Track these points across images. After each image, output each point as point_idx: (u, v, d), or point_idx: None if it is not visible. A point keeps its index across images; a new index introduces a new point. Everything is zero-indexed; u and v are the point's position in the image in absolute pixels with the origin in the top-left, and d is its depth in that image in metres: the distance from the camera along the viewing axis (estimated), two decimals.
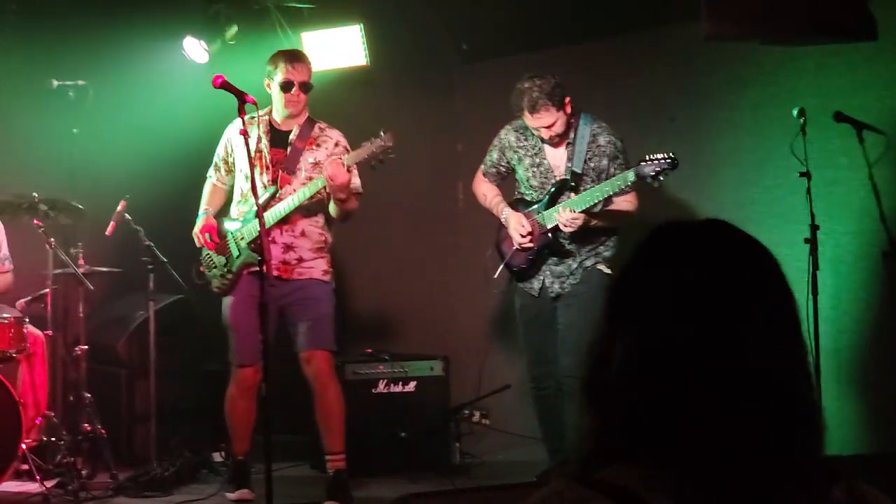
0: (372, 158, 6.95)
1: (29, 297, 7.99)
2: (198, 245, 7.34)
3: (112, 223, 7.72)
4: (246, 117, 7.27)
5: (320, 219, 7.28)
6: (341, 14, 9.16)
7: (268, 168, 7.16)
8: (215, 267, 7.30)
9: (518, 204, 7.29)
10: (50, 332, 7.78)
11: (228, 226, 7.26)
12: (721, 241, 1.93)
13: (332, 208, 7.16)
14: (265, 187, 7.11)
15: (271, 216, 7.01)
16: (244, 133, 6.25)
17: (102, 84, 8.29)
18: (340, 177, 6.85)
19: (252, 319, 6.85)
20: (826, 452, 1.88)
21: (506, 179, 7.46)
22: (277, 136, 7.22)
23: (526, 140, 7.19)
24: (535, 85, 6.89)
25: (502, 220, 7.29)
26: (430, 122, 9.56)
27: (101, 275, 7.96)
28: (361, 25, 9.07)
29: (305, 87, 7.21)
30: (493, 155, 7.40)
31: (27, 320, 7.69)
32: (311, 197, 7.05)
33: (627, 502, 1.76)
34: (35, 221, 7.47)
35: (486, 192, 7.45)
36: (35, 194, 7.46)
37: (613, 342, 1.89)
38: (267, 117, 7.27)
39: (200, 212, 7.43)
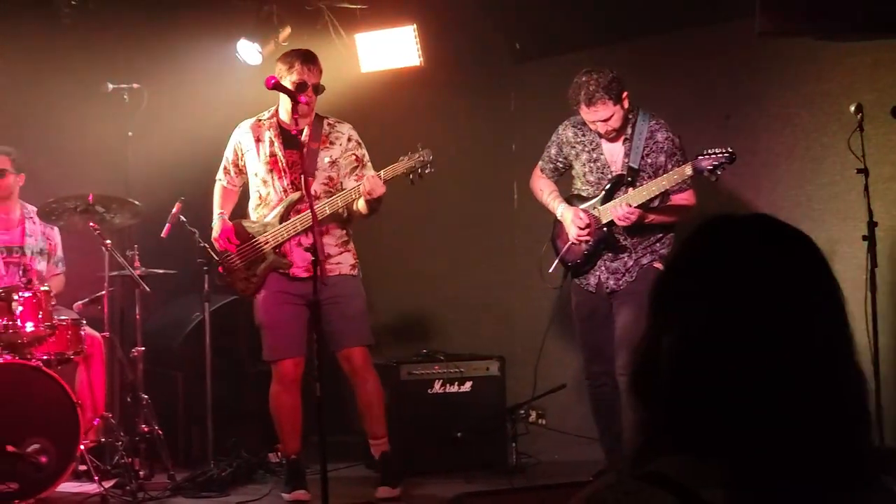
0: (410, 172, 6.98)
1: (86, 299, 8.06)
2: (218, 249, 7.36)
3: (167, 225, 7.75)
4: (251, 121, 7.30)
5: (343, 212, 7.30)
6: (394, 14, 9.17)
7: (285, 171, 7.17)
8: (237, 270, 7.30)
9: (574, 199, 7.26)
10: (107, 334, 7.83)
11: (250, 228, 7.27)
12: (767, 234, 1.92)
13: (361, 205, 7.16)
14: (287, 191, 7.13)
15: (299, 221, 7.04)
16: (291, 134, 6.24)
17: (157, 87, 8.34)
18: (378, 191, 6.97)
19: (286, 313, 6.98)
20: (884, 444, 1.87)
21: (563, 175, 7.43)
22: (288, 138, 7.17)
23: (584, 135, 7.16)
24: (592, 79, 6.86)
25: (558, 215, 7.26)
26: (484, 121, 9.55)
27: (157, 277, 7.99)
28: (415, 26, 9.08)
29: (318, 88, 7.18)
30: (552, 150, 7.37)
31: (84, 322, 7.76)
32: (346, 202, 7.09)
33: (678, 493, 1.74)
34: (91, 224, 7.51)
35: (543, 187, 7.43)
36: (90, 196, 7.50)
37: (661, 336, 1.88)
38: (274, 119, 7.27)
39: (216, 215, 7.46)
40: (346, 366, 7.31)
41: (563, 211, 7.22)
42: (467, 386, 8.11)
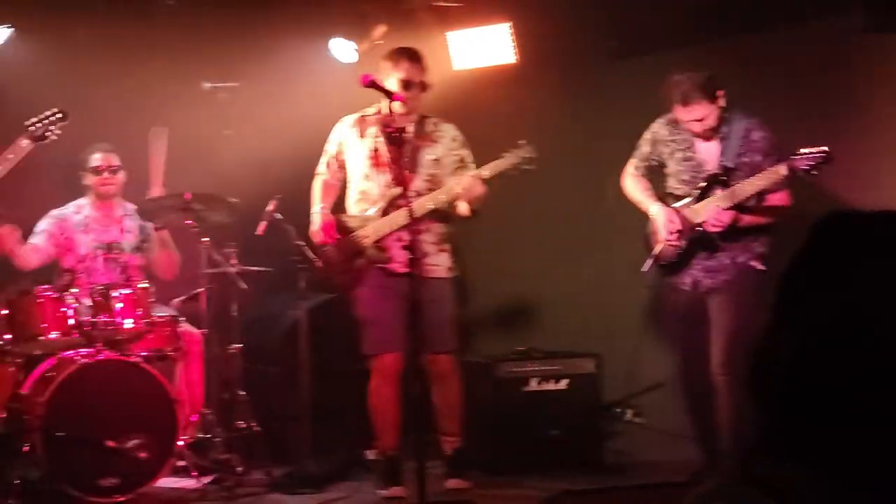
0: (511, 169, 6.97)
1: (184, 297, 8.12)
2: (317, 242, 7.38)
3: (263, 223, 7.80)
4: (355, 116, 7.32)
5: (442, 213, 7.30)
6: (489, 12, 9.14)
7: (387, 167, 7.17)
8: (336, 264, 7.33)
9: (668, 198, 7.20)
10: (205, 331, 7.90)
11: (350, 223, 7.30)
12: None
13: (463, 207, 7.16)
14: (388, 187, 7.14)
15: (400, 217, 7.03)
16: (395, 131, 6.26)
17: (253, 85, 8.41)
18: (476, 190, 6.98)
19: (386, 308, 7.01)
20: None
21: (656, 174, 7.37)
22: (392, 134, 7.21)
23: (678, 134, 7.09)
24: (688, 78, 6.80)
25: (651, 214, 7.21)
26: (578, 119, 9.48)
27: (254, 274, 8.05)
28: (510, 23, 9.05)
29: (423, 85, 7.20)
30: (645, 148, 7.31)
31: (182, 319, 7.82)
32: (450, 198, 7.09)
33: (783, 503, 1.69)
34: (188, 222, 7.57)
35: (636, 186, 7.37)
36: (187, 194, 7.55)
37: (782, 337, 1.82)
38: (379, 115, 7.29)
39: (316, 209, 7.48)
40: (430, 368, 7.30)
41: (656, 210, 7.16)
42: (563, 384, 8.07)
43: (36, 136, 6.14)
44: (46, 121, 6.22)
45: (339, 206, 7.53)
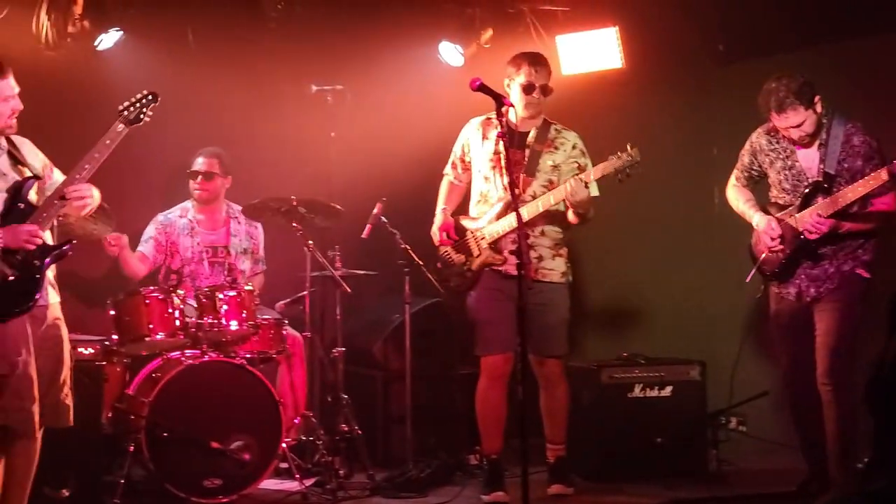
0: (618, 172, 6.92)
1: (288, 299, 8.18)
2: (436, 242, 7.38)
3: (368, 226, 7.80)
4: (481, 118, 7.31)
5: (558, 217, 7.24)
6: (596, 16, 9.09)
7: (507, 170, 7.13)
8: (453, 265, 7.33)
9: (771, 208, 7.08)
10: (308, 334, 7.92)
11: (467, 224, 7.28)
12: None
13: (570, 215, 7.12)
14: (506, 190, 7.10)
15: (513, 219, 6.98)
16: (503, 136, 6.22)
17: (359, 88, 8.42)
18: (580, 195, 6.93)
19: (497, 309, 7.04)
20: None
21: (759, 184, 7.26)
22: (515, 138, 7.17)
23: (778, 143, 6.98)
24: (782, 84, 6.68)
25: (754, 224, 7.10)
26: (685, 124, 9.39)
27: (358, 277, 8.05)
28: (617, 27, 8.99)
29: (546, 90, 7.18)
30: (745, 159, 7.21)
31: (286, 322, 7.85)
32: (555, 203, 7.04)
33: None
34: (293, 224, 7.59)
35: (738, 196, 7.27)
36: (293, 197, 7.58)
37: None
38: (504, 119, 7.25)
39: (438, 210, 7.48)
40: (538, 370, 7.29)
41: (758, 220, 7.05)
42: (668, 391, 7.98)
43: (130, 119, 6.16)
44: (139, 103, 6.25)
45: (463, 207, 7.50)
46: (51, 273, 6.02)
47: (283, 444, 7.30)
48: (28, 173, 5.96)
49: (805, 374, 6.94)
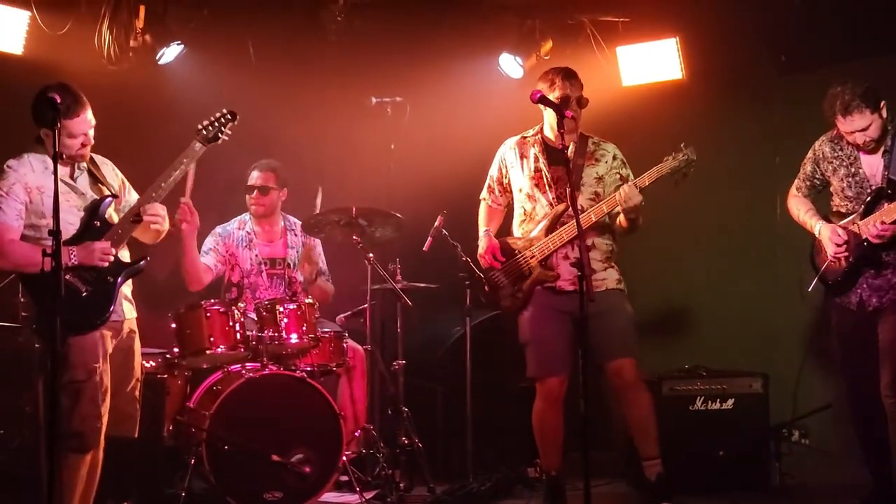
0: (674, 173, 6.84)
1: (348, 312, 8.18)
2: (483, 266, 7.30)
3: (429, 239, 7.79)
4: (516, 138, 7.25)
5: (606, 230, 7.18)
6: (657, 27, 9.06)
7: (550, 186, 7.08)
8: (503, 287, 7.24)
9: (833, 217, 6.99)
10: (369, 347, 7.92)
11: (514, 244, 7.20)
12: None
13: (621, 219, 7.04)
14: (551, 206, 7.05)
15: (565, 233, 6.95)
16: (564, 148, 6.16)
17: (419, 100, 8.42)
18: (634, 200, 6.84)
19: (552, 329, 6.90)
20: None
21: (820, 193, 7.17)
22: (553, 154, 7.11)
23: (841, 150, 6.90)
24: (847, 88, 6.61)
25: (816, 233, 7.01)
26: (746, 135, 9.32)
27: (419, 290, 8.05)
28: (677, 38, 8.95)
29: (581, 101, 7.10)
30: (808, 168, 7.13)
31: (347, 334, 7.85)
32: (608, 211, 6.97)
33: None
34: (353, 237, 7.60)
35: (800, 206, 7.18)
36: (353, 207, 7.58)
37: None
38: (539, 136, 7.20)
39: (481, 233, 7.39)
40: (615, 380, 7.11)
41: (820, 228, 6.96)
42: (729, 403, 7.91)
43: (208, 138, 6.24)
44: (217, 122, 6.31)
45: (505, 229, 7.45)
46: (128, 289, 6.17)
47: (344, 457, 7.30)
48: (107, 192, 6.06)
49: (869, 387, 6.85)
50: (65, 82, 5.93)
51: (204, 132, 6.27)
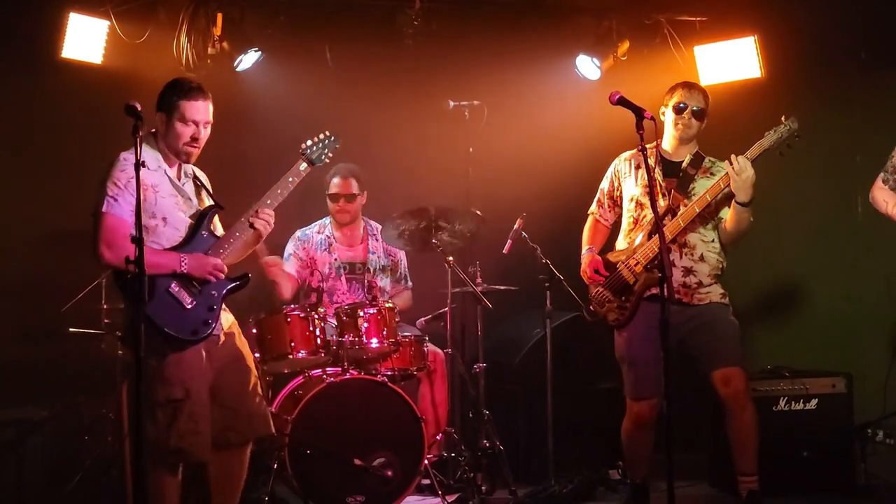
0: (778, 145, 6.75)
1: (429, 316, 8.19)
2: (587, 282, 7.26)
3: (509, 241, 7.81)
4: (631, 151, 7.19)
5: (717, 244, 7.07)
6: (734, 26, 9.02)
7: (664, 196, 7.01)
8: (609, 301, 7.16)
9: None
10: (449, 350, 7.92)
11: (615, 257, 7.13)
12: None
13: (728, 217, 6.92)
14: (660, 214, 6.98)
15: (668, 232, 6.85)
16: (642, 149, 6.11)
17: (496, 103, 8.40)
18: (746, 171, 6.71)
19: (650, 351, 6.53)
20: None
21: None
22: (669, 167, 7.05)
23: None
24: None
25: None
26: (827, 133, 9.22)
27: (499, 293, 8.04)
28: (755, 37, 8.88)
29: (699, 114, 7.03)
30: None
31: (427, 338, 7.85)
32: (715, 195, 6.85)
33: None
34: (433, 241, 7.61)
35: (887, 199, 7.03)
36: (432, 210, 7.59)
37: None
38: (655, 148, 7.14)
39: (584, 250, 7.33)
40: (722, 389, 6.97)
41: None
42: (813, 404, 7.84)
43: (312, 158, 6.28)
44: (321, 143, 6.35)
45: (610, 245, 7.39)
46: None
47: (426, 461, 7.31)
48: (208, 202, 6.10)
49: None
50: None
51: (308, 152, 6.31)
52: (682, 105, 6.98)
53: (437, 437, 7.83)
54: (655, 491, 7.06)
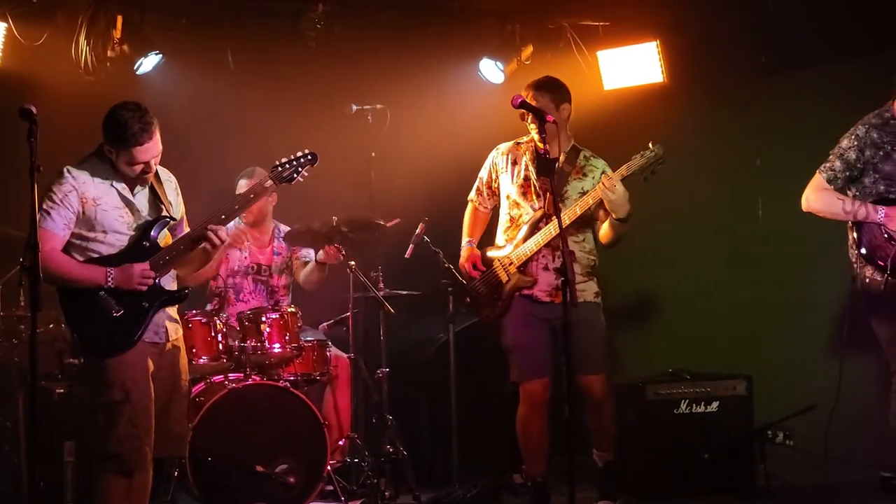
0: (642, 170, 6.80)
1: (331, 321, 8.15)
2: (464, 275, 7.30)
3: (411, 246, 7.81)
4: (509, 143, 7.21)
5: (588, 243, 7.16)
6: (637, 31, 9.09)
7: (537, 195, 7.05)
8: (483, 295, 7.23)
9: (885, 204, 6.76)
10: (352, 355, 7.89)
11: (493, 254, 7.18)
12: None
13: (605, 230, 6.98)
14: (534, 211, 7.02)
15: (541, 237, 6.91)
16: (545, 153, 6.13)
17: (399, 107, 8.39)
18: (617, 190, 6.73)
19: (533, 335, 6.95)
20: None
21: (852, 185, 6.94)
22: (543, 163, 7.03)
23: (887, 136, 6.67)
24: None
25: (878, 218, 6.73)
26: (728, 136, 9.32)
27: (401, 298, 8.03)
28: (657, 42, 8.96)
29: (537, 111, 7.02)
30: (851, 155, 6.74)
31: (330, 343, 7.82)
32: (588, 208, 6.89)
33: None
34: (335, 245, 7.59)
35: (835, 199, 6.80)
36: (335, 218, 7.56)
37: None
38: (531, 143, 7.16)
39: (463, 242, 7.39)
40: (585, 391, 7.11)
41: (885, 212, 6.59)
42: (714, 406, 7.89)
43: (282, 177, 6.16)
44: (296, 162, 6.23)
45: (489, 235, 7.42)
46: (172, 310, 6.03)
47: (329, 467, 7.30)
48: (165, 213, 5.98)
49: None
50: (139, 104, 5.81)
51: (280, 169, 6.19)
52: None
53: (341, 443, 7.80)
54: (559, 495, 7.08)
